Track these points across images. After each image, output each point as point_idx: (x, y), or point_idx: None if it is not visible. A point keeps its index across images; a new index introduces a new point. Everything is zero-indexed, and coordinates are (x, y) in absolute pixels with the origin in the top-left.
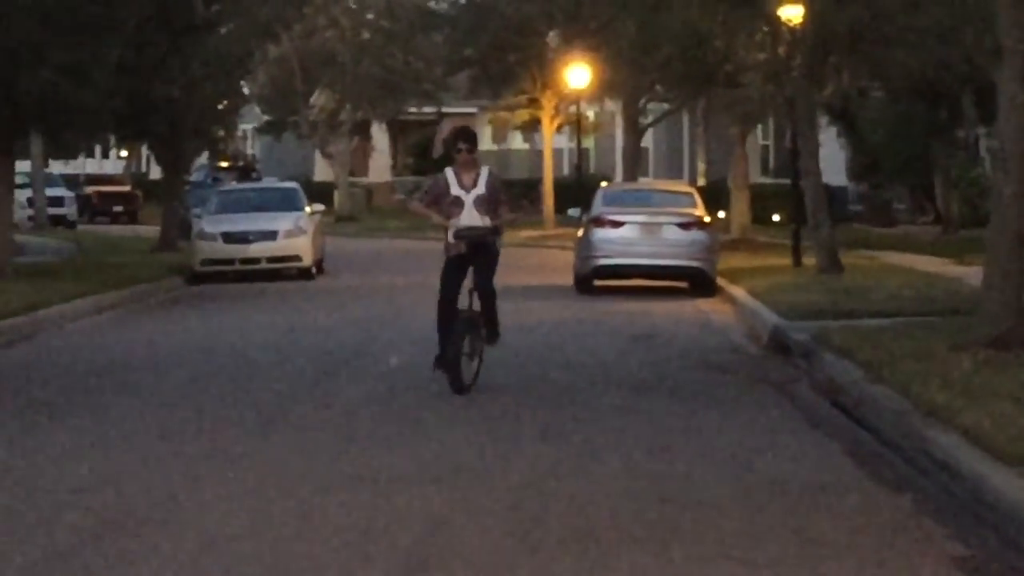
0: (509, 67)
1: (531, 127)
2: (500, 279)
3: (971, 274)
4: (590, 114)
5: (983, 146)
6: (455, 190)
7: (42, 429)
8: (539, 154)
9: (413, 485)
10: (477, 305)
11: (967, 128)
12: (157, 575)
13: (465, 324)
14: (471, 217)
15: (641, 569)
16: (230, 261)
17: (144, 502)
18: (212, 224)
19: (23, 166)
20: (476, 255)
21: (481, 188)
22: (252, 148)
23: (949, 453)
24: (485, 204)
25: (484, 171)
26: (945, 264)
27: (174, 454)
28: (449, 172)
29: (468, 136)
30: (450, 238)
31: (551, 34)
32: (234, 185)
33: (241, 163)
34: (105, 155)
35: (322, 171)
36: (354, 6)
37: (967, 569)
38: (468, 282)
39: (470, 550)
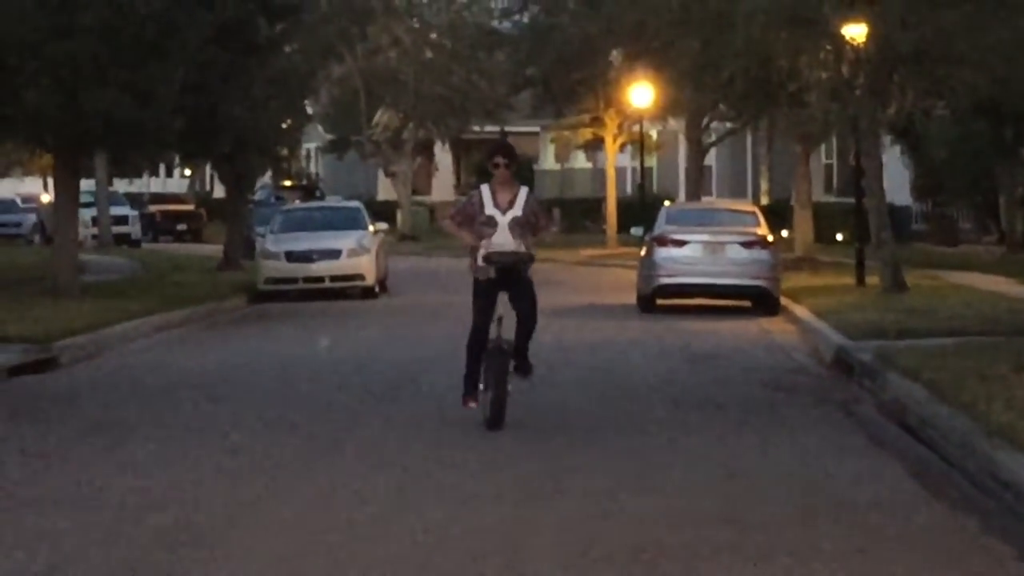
0: (572, 86)
1: (594, 146)
2: (564, 298)
3: None
4: (653, 133)
5: None
6: (489, 209)
7: (107, 447)
8: (602, 173)
9: (478, 505)
10: (504, 334)
11: None
12: None
13: (498, 355)
14: (504, 240)
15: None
16: (293, 280)
17: (207, 519)
18: (275, 243)
19: (87, 185)
20: (508, 282)
21: (518, 210)
22: (315, 167)
23: (1015, 473)
24: (520, 228)
25: (523, 192)
26: (1009, 284)
27: (238, 472)
28: (485, 189)
29: (507, 151)
30: (479, 261)
31: (614, 53)
32: (297, 204)
33: (304, 182)
34: (169, 174)
35: (385, 190)
36: (417, 25)
37: None
38: (499, 310)
39: (532, 569)
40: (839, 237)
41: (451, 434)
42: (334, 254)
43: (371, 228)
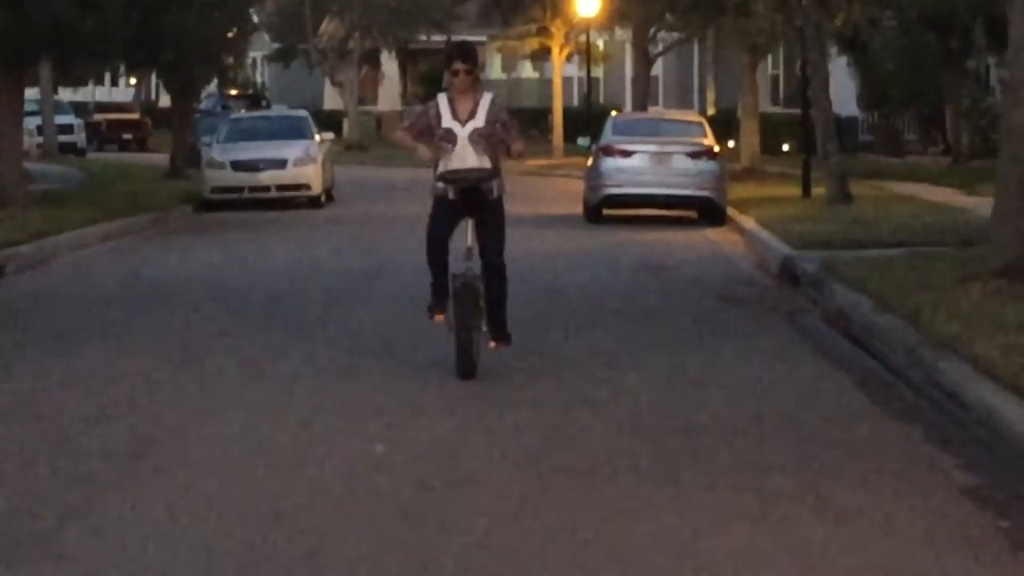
0: None
1: (541, 56)
2: (510, 209)
3: (981, 204)
4: (600, 43)
5: (994, 76)
6: (447, 121)
7: (53, 357)
8: (548, 83)
9: (424, 413)
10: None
11: (978, 58)
12: (163, 500)
13: (467, 293)
14: (465, 156)
15: (649, 498)
16: (240, 189)
17: (152, 430)
18: (222, 152)
19: (32, 94)
20: (472, 206)
21: (480, 120)
22: (261, 76)
23: (959, 384)
24: (484, 141)
25: (486, 98)
26: (955, 195)
27: (184, 382)
28: (442, 99)
29: (467, 53)
30: (437, 183)
31: None
32: (244, 113)
33: (251, 91)
34: (115, 83)
35: (331, 100)
36: None
37: (976, 498)
38: (468, 240)
39: (477, 480)
40: (785, 148)
41: (402, 346)
42: (280, 163)
43: (317, 138)
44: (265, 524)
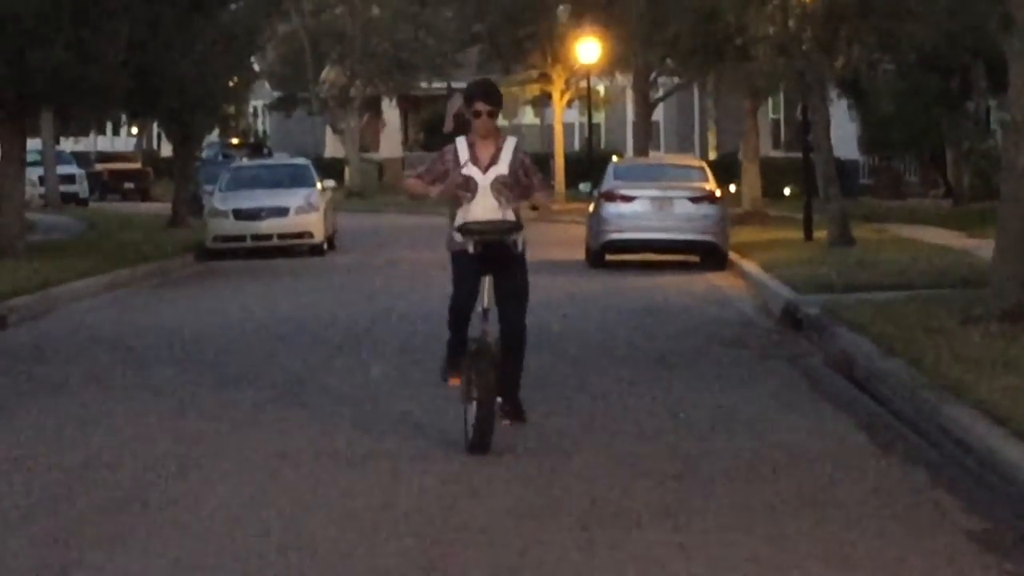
0: (519, 42)
1: (542, 102)
2: None
3: (982, 246)
4: (600, 89)
5: (994, 118)
6: (467, 168)
7: (54, 406)
8: (550, 129)
9: (427, 459)
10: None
11: (978, 100)
12: (160, 553)
13: (484, 358)
14: (486, 207)
15: (654, 542)
16: (242, 238)
17: (153, 476)
18: (223, 201)
19: (34, 144)
20: (494, 262)
21: (503, 166)
22: (263, 125)
23: (962, 426)
24: (507, 190)
25: (509, 143)
26: (956, 237)
27: (186, 429)
28: (460, 143)
29: (489, 94)
30: (455, 235)
31: (561, 8)
32: (245, 162)
33: (252, 140)
34: (116, 132)
35: (333, 147)
36: None
37: (981, 541)
38: (484, 300)
39: (481, 523)
40: (787, 191)
41: (402, 393)
42: (282, 212)
43: (319, 185)
44: (264, 568)
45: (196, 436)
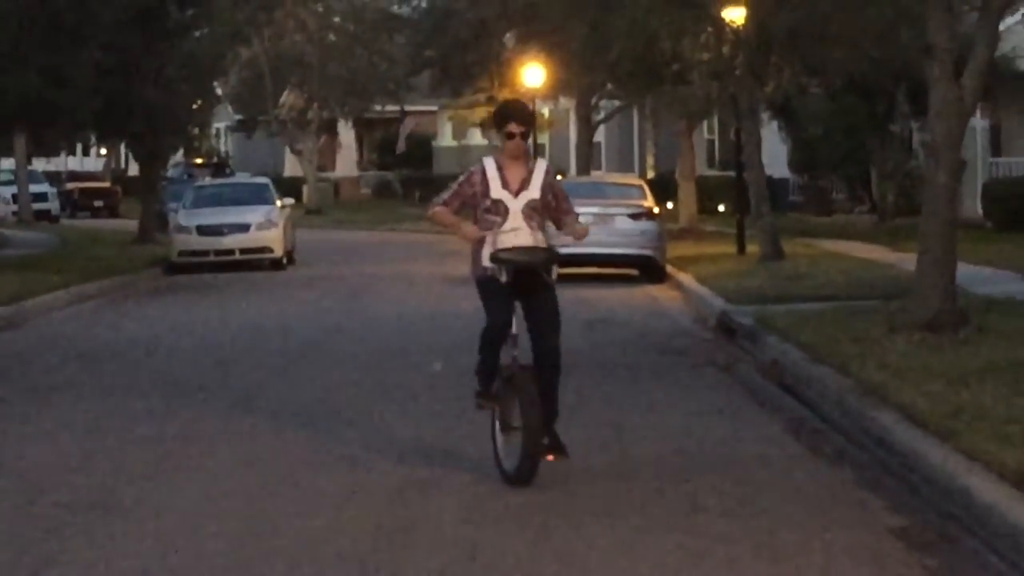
0: (468, 67)
1: (489, 124)
2: (465, 268)
3: (905, 260)
4: (545, 111)
5: (916, 139)
6: (497, 191)
7: (27, 413)
8: (497, 150)
9: (382, 462)
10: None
11: (901, 122)
12: (134, 552)
13: (525, 380)
14: (518, 232)
15: (590, 540)
16: (205, 253)
17: (122, 482)
18: (188, 218)
19: (7, 164)
20: (524, 289)
21: (534, 190)
22: (225, 146)
23: (886, 429)
24: (538, 215)
25: (540, 166)
26: (880, 251)
27: (152, 436)
28: (489, 164)
29: (522, 114)
30: (485, 260)
31: (507, 35)
32: (208, 181)
33: (215, 160)
34: (86, 153)
35: (291, 167)
36: (320, 10)
37: (903, 538)
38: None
39: (434, 523)
40: (721, 208)
41: (357, 400)
42: (243, 228)
43: (278, 203)
44: (228, 572)
45: (163, 442)
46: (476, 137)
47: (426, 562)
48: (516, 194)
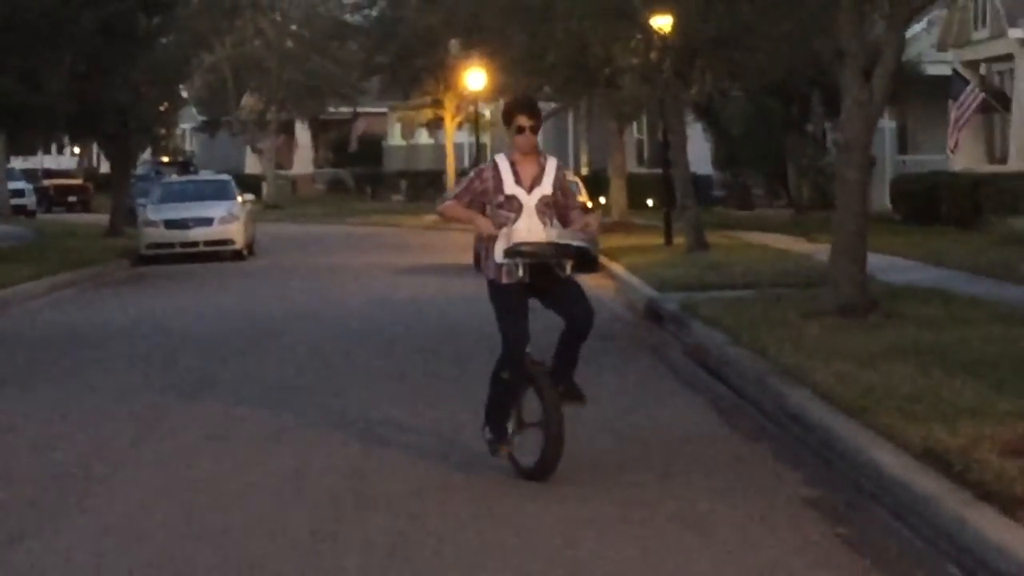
0: (415, 72)
1: (435, 124)
2: (413, 259)
3: (819, 250)
4: (487, 112)
5: (829, 138)
6: (510, 187)
7: (6, 397)
8: (442, 148)
9: (335, 440)
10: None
11: (815, 123)
12: (103, 522)
13: (546, 376)
14: (531, 228)
15: (534, 513)
16: (171, 245)
17: (95, 458)
18: (155, 212)
19: None
20: (541, 287)
21: (547, 186)
22: (190, 145)
23: (801, 407)
24: (551, 210)
25: (551, 163)
26: (796, 242)
27: (122, 415)
28: (501, 161)
29: (531, 106)
30: (498, 257)
31: (452, 42)
32: (174, 178)
33: (180, 158)
34: (60, 152)
35: (252, 165)
36: (278, 19)
37: (817, 507)
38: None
39: (386, 496)
40: (649, 203)
41: (315, 380)
42: (207, 222)
43: (239, 198)
44: (194, 541)
45: (134, 420)
46: (423, 137)
47: (381, 530)
48: (530, 190)
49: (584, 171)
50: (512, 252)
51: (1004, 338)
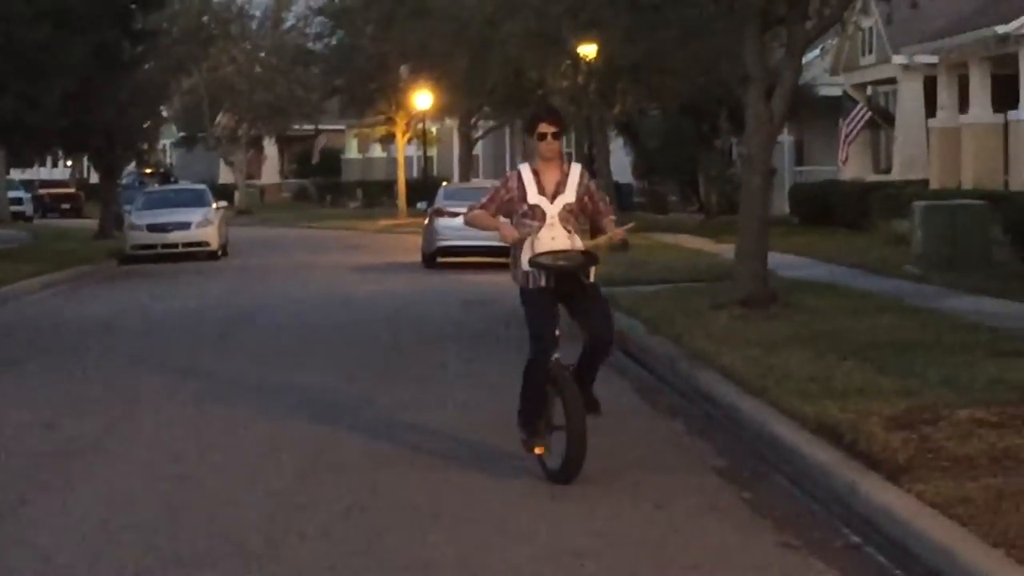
0: (370, 93)
1: (388, 140)
2: (368, 259)
3: (726, 250)
4: (433, 129)
5: (735, 151)
6: (533, 196)
7: (8, 381)
8: (394, 161)
9: (302, 416)
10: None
11: (723, 138)
12: (93, 493)
13: (570, 382)
14: (555, 235)
15: (470, 478)
16: (154, 246)
17: (86, 435)
18: (139, 217)
19: None
20: (567, 293)
21: (570, 194)
22: (170, 158)
23: (711, 387)
24: (574, 218)
25: (575, 170)
26: (706, 243)
27: (110, 395)
28: (524, 170)
29: (554, 113)
30: (524, 265)
31: (402, 67)
32: (156, 187)
33: (162, 170)
34: (55, 164)
35: (225, 175)
36: (249, 47)
37: (725, 475)
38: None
39: (345, 465)
40: None
41: (278, 363)
42: (185, 226)
43: (214, 205)
44: (179, 513)
45: (120, 399)
46: (377, 151)
47: (337, 498)
48: (552, 198)
49: None
50: (534, 262)
51: (888, 326)
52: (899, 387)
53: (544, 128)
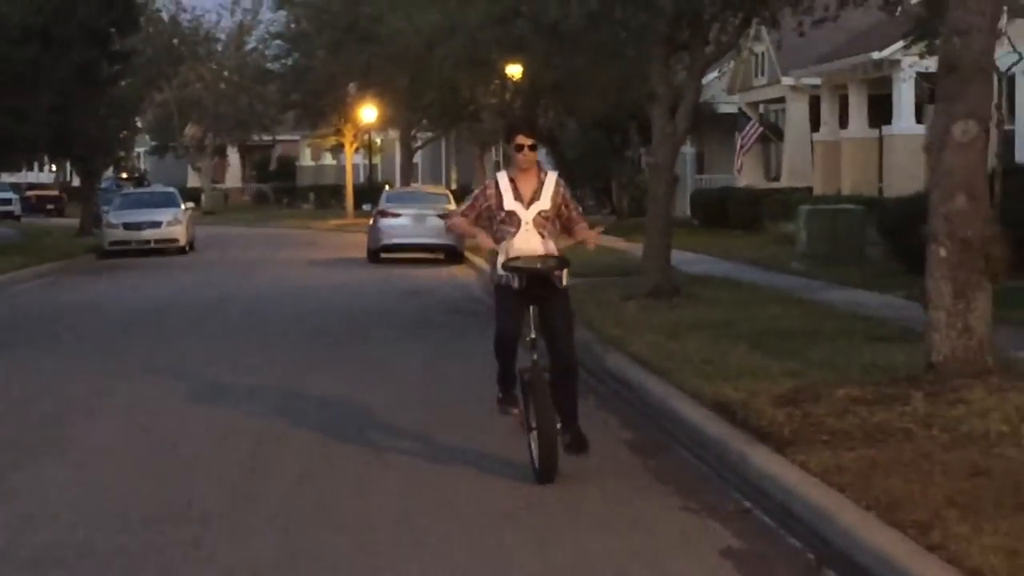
0: (322, 108)
1: (337, 149)
2: (318, 255)
3: (635, 248)
4: (378, 140)
5: (643, 161)
6: (509, 203)
7: None
8: (343, 168)
9: (259, 395)
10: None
11: (633, 149)
12: (76, 460)
13: (540, 384)
14: (529, 242)
15: (404, 450)
16: (129, 242)
17: (67, 410)
18: (116, 217)
19: None
20: (538, 295)
21: (545, 201)
22: (143, 164)
23: (620, 369)
24: (549, 224)
25: (550, 178)
26: (618, 241)
27: (89, 375)
28: (502, 178)
29: (530, 125)
30: (499, 269)
31: (350, 85)
32: (131, 190)
33: (136, 174)
34: (41, 169)
35: (193, 180)
36: (214, 67)
37: (633, 447)
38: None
39: (299, 439)
40: None
41: (242, 346)
42: (157, 224)
43: (183, 206)
44: (151, 479)
45: (98, 378)
46: (328, 159)
47: (292, 468)
48: (528, 205)
49: (453, 186)
50: (508, 266)
51: (777, 315)
52: (785, 369)
53: (521, 140)
